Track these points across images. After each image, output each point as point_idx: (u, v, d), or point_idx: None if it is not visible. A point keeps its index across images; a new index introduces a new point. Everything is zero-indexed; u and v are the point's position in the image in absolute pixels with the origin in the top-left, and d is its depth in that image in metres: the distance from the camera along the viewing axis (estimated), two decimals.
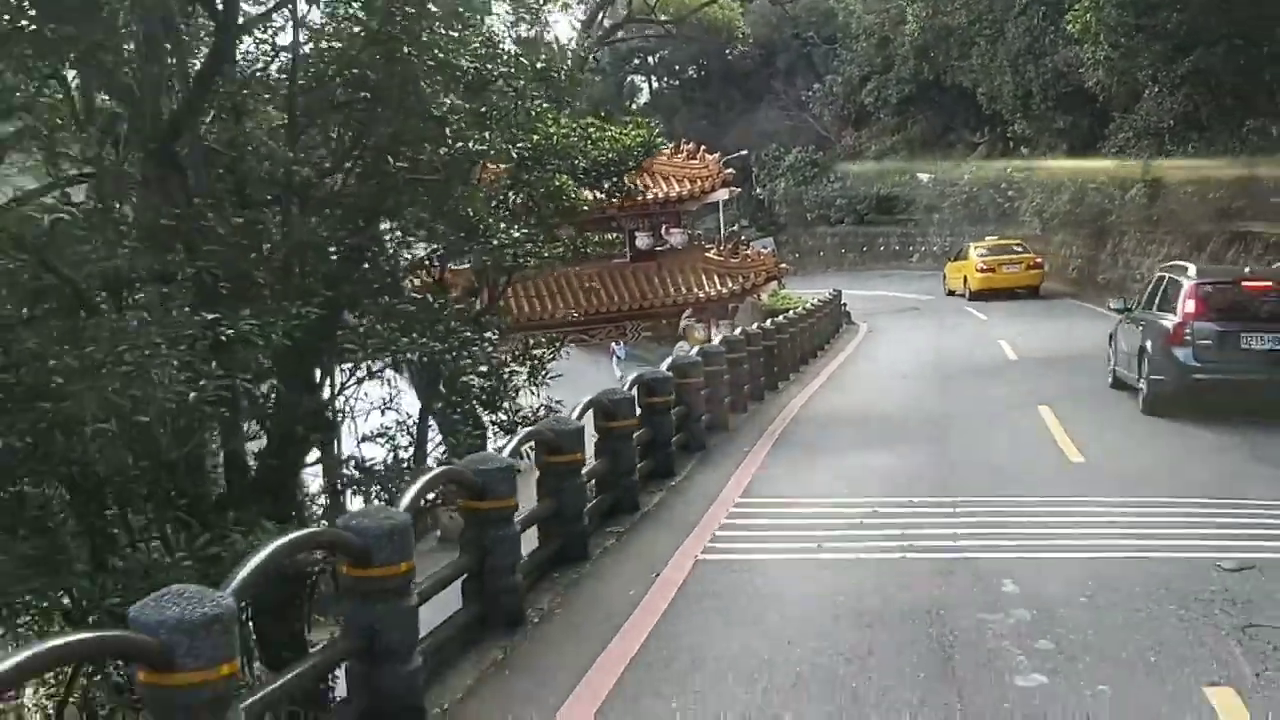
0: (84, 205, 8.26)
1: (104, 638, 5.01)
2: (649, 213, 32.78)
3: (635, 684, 6.57)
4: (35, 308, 7.88)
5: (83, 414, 6.47)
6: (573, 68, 12.12)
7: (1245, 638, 6.81)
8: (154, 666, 4.29)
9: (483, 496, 7.66)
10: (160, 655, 4.25)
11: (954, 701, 6.13)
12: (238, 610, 4.52)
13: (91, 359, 6.64)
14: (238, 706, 4.59)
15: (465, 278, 15.72)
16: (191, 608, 4.33)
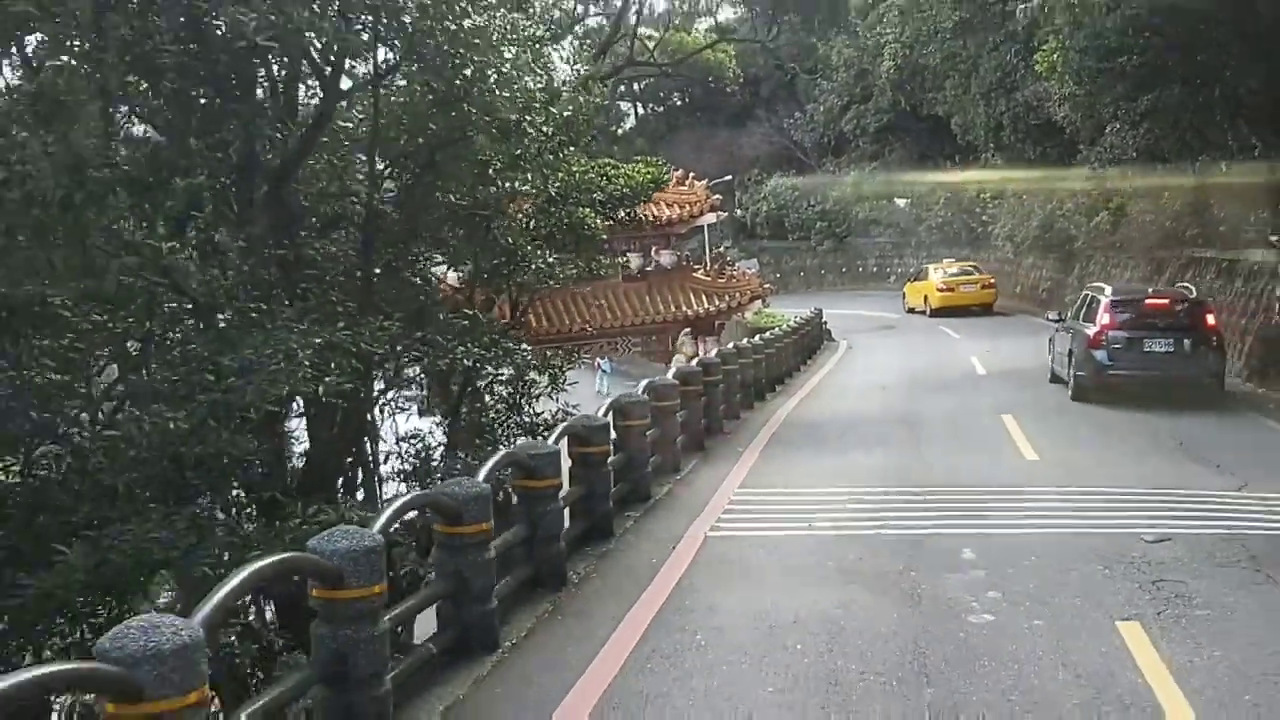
0: (197, 236, 9.80)
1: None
2: (641, 235, 34.24)
3: (666, 624, 8.20)
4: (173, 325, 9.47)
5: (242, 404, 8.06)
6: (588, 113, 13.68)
7: (1154, 589, 8.51)
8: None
9: (534, 476, 9.32)
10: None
11: (920, 633, 7.78)
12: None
13: (248, 360, 8.22)
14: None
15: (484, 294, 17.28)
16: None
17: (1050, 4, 21.55)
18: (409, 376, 14.11)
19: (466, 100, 10.95)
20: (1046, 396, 20.50)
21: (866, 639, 7.66)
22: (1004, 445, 15.63)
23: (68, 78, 8.11)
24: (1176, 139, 30.31)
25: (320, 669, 6.09)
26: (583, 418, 11.59)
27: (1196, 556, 9.35)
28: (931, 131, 52.46)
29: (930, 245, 54.58)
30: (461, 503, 7.73)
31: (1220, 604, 8.11)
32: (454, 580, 7.73)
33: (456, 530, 7.77)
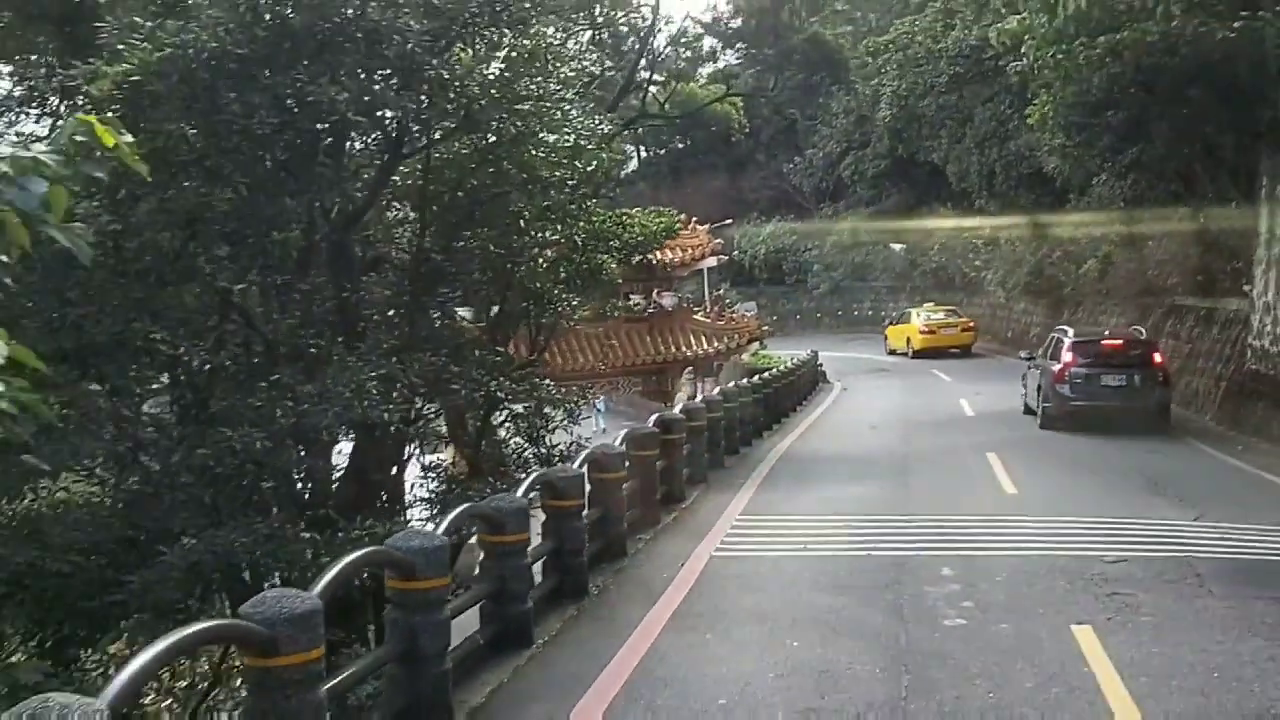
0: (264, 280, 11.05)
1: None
2: (644, 278, 35.35)
3: (679, 625, 9.35)
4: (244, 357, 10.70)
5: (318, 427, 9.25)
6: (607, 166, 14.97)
7: (1107, 600, 9.68)
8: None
9: (562, 497, 10.51)
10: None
11: (901, 632, 8.94)
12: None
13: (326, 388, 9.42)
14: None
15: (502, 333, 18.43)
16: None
17: (1038, 63, 22.83)
18: (433, 410, 15.32)
19: (506, 159, 12.25)
20: (1029, 436, 21.73)
21: (854, 637, 8.81)
22: (985, 480, 16.80)
23: (180, 142, 9.35)
24: (1162, 190, 31.68)
25: (394, 648, 7.13)
26: (602, 446, 12.76)
27: (1148, 574, 10.53)
28: (928, 177, 53.74)
29: (924, 290, 55.97)
30: (505, 515, 8.92)
31: (1163, 611, 9.29)
32: (497, 582, 8.90)
33: (500, 539, 8.96)
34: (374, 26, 10.16)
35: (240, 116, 9.86)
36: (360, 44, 10.27)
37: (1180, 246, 30.57)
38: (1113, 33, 20.85)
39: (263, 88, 10.13)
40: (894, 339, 47.93)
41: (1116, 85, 24.53)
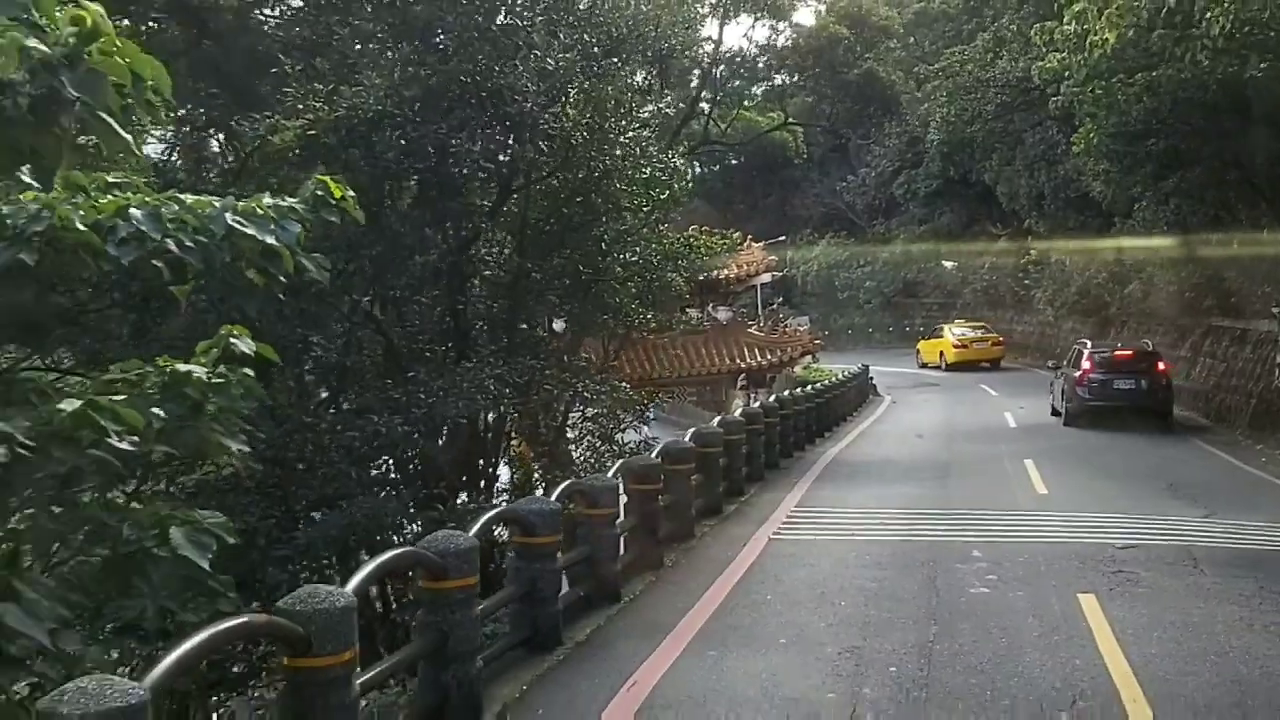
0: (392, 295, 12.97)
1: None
2: (702, 293, 36.91)
3: (743, 589, 11.05)
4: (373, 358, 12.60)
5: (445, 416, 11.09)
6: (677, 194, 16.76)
7: (1111, 576, 11.27)
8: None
9: (643, 481, 12.25)
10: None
11: (934, 598, 10.59)
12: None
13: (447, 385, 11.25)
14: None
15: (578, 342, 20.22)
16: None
17: (1077, 99, 24.30)
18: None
19: (594, 191, 14.09)
20: (1066, 445, 23.22)
21: (892, 600, 10.48)
22: (1020, 482, 18.36)
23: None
24: (1202, 215, 32.90)
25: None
26: (674, 441, 14.50)
27: (1151, 558, 12.11)
28: (979, 197, 54.82)
29: (975, 307, 57.22)
30: (599, 492, 10.67)
31: (1157, 585, 10.88)
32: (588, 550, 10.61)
33: (593, 513, 10.71)
34: (498, 87, 12.07)
35: (392, 163, 11.78)
36: (486, 102, 12.19)
37: (1217, 270, 31.85)
38: (1148, 70, 22.32)
39: (410, 139, 12.04)
40: (926, 354, 50.32)
41: (1155, 117, 25.95)
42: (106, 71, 4.96)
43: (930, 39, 54.86)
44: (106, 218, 6.06)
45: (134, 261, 6.07)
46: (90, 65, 4.88)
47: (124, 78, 5.06)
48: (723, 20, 45.95)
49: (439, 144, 11.98)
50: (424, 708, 7.37)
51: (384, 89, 11.69)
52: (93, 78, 4.89)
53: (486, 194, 14.37)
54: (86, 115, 4.95)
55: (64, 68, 4.78)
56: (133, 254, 5.96)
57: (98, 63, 4.92)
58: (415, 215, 12.66)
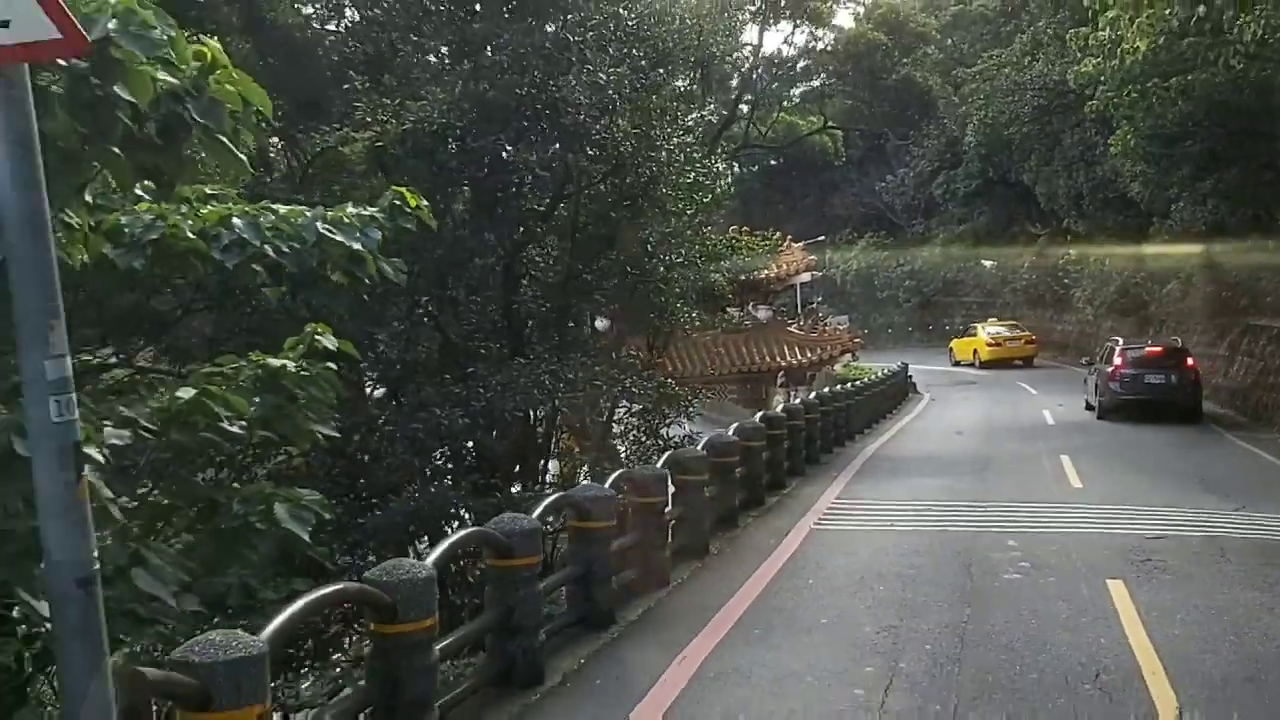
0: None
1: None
2: (743, 292, 37.38)
3: (785, 576, 11.59)
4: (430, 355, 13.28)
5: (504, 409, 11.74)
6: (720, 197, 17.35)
7: (1140, 564, 11.73)
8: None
9: (688, 472, 12.81)
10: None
11: (968, 583, 11.10)
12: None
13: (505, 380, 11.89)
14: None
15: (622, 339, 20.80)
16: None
17: (1112, 102, 24.64)
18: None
19: (641, 196, 14.71)
20: (1103, 442, 23.58)
21: (929, 585, 11.00)
22: (1056, 476, 18.79)
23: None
24: (1240, 216, 33.06)
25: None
26: (717, 435, 15.07)
27: (1180, 548, 12.56)
28: (1018, 197, 54.88)
29: (1014, 306, 57.39)
30: (649, 482, 11.27)
31: (1183, 572, 11.34)
32: (641, 535, 11.21)
33: (643, 501, 11.30)
34: (552, 100, 12.72)
35: (453, 172, 12.45)
36: (541, 114, 12.85)
37: (1255, 269, 32.05)
38: (1182, 75, 22.64)
39: (469, 149, 12.71)
40: (959, 352, 51.25)
41: (1190, 120, 26.25)
42: (223, 99, 5.59)
43: (968, 41, 55.02)
44: (211, 226, 6.72)
45: (236, 265, 6.73)
46: (211, 94, 5.51)
47: (236, 104, 5.68)
48: (763, 26, 46.54)
49: (496, 153, 12.70)
50: (492, 675, 7.98)
51: (446, 103, 12.39)
52: (213, 105, 5.52)
53: (539, 199, 15.03)
54: (205, 138, 5.58)
55: (189, 97, 5.41)
56: (236, 259, 6.62)
57: (216, 91, 5.55)
58: (473, 220, 13.34)
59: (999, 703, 7.52)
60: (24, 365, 3.98)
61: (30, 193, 3.90)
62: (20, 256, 3.93)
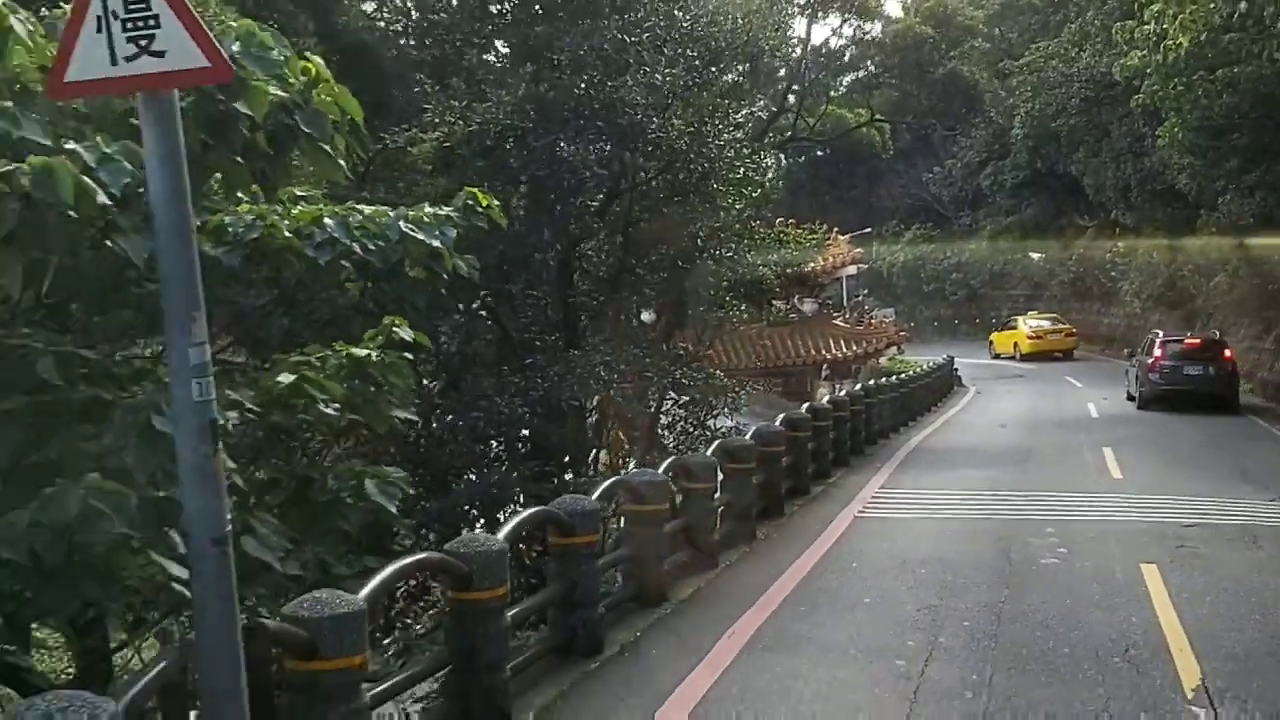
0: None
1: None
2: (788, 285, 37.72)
3: (829, 559, 12.11)
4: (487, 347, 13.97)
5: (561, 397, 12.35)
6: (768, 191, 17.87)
7: (1174, 550, 12.16)
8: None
9: (737, 460, 13.35)
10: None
11: (1007, 567, 11.57)
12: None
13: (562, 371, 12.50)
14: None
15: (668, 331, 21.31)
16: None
17: (1158, 95, 24.84)
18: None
19: (693, 191, 15.27)
20: (1145, 435, 23.85)
21: (969, 568, 11.48)
22: (1097, 467, 19.16)
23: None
24: None
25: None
26: (765, 425, 15.58)
27: (1214, 535, 12.96)
28: (1066, 189, 54.67)
29: (1062, 299, 57.33)
30: (699, 468, 11.81)
31: (1215, 558, 11.76)
32: (694, 520, 11.77)
33: (694, 486, 11.85)
34: (610, 101, 13.30)
35: (516, 170, 13.07)
36: (599, 114, 13.43)
37: None
38: (1228, 67, 22.84)
39: (530, 149, 13.31)
40: (999, 345, 51.98)
41: (1236, 112, 26.34)
42: (325, 110, 6.19)
43: (1016, 30, 54.97)
44: (304, 226, 7.31)
45: (327, 261, 7.33)
46: (315, 106, 6.11)
47: (336, 114, 6.28)
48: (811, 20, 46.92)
49: (555, 152, 13.28)
50: (555, 645, 8.57)
51: (510, 104, 13.01)
52: (317, 116, 6.13)
53: (594, 196, 15.62)
54: (310, 146, 6.19)
55: (297, 109, 6.01)
56: (328, 255, 7.21)
57: (319, 103, 6.15)
58: (529, 217, 13.96)
59: (1032, 673, 8.01)
60: (170, 351, 4.60)
61: (178, 201, 4.51)
62: (168, 256, 4.54)
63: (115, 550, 4.88)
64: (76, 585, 4.81)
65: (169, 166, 4.50)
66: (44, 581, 4.65)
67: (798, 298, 39.26)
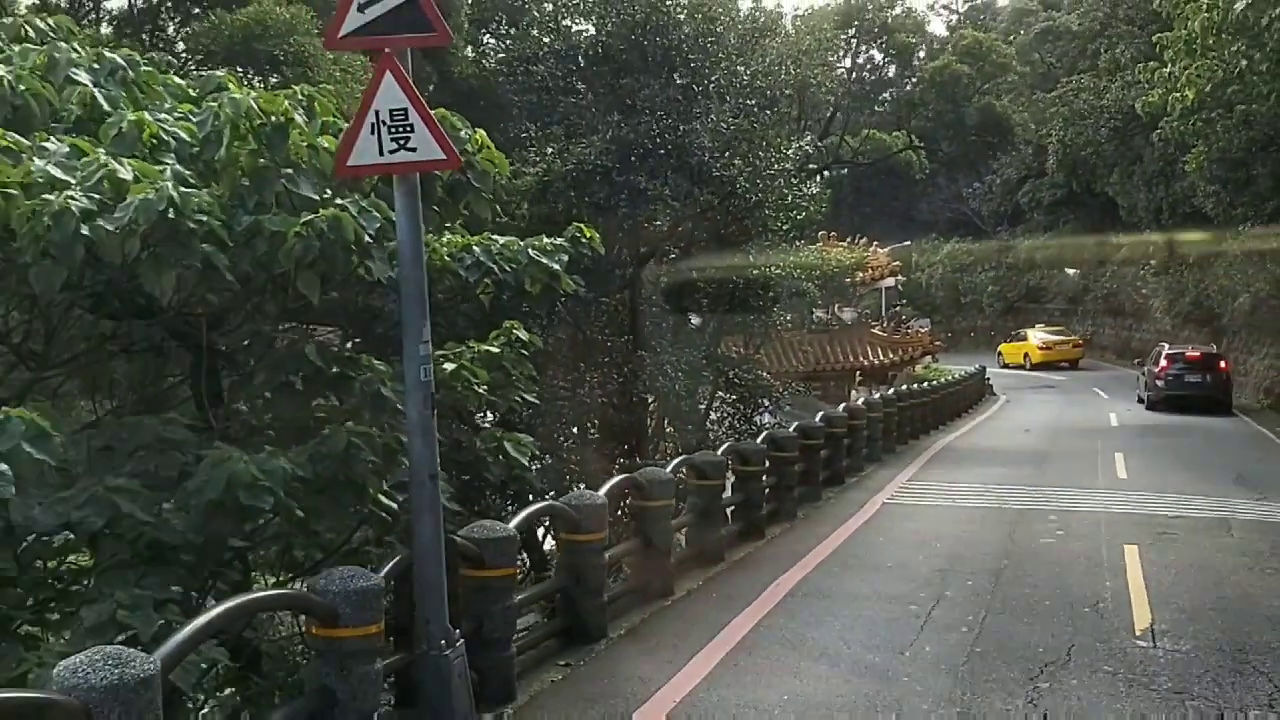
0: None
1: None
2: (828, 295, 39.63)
3: (859, 535, 14.21)
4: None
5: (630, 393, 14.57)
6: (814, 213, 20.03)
7: (1155, 535, 14.18)
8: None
9: (781, 449, 15.46)
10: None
11: (1010, 544, 13.63)
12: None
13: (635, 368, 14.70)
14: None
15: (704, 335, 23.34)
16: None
17: (1178, 131, 26.71)
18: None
19: (747, 217, 17.45)
20: (1160, 444, 25.73)
21: (978, 545, 13.55)
22: (1106, 469, 21.11)
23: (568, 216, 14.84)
24: None
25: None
26: (806, 421, 17.69)
27: (1195, 525, 14.96)
28: (1102, 207, 56.24)
29: (1095, 314, 59.06)
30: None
31: (1189, 541, 13.78)
32: (745, 495, 13.90)
33: (746, 470, 14.00)
34: (681, 144, 15.53)
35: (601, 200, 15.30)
36: (671, 154, 15.65)
37: None
38: (1245, 105, 24.69)
39: (613, 182, 15.56)
40: (1009, 355, 55.00)
41: (1255, 145, 28.17)
42: (487, 169, 8.36)
43: (1055, 55, 56.62)
44: (457, 251, 9.49)
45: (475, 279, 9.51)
46: (481, 165, 8.29)
47: (492, 170, 8.46)
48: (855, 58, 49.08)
49: (634, 186, 15.49)
50: (633, 588, 10.73)
51: (600, 146, 15.21)
52: (484, 175, 8.31)
53: (664, 221, 17.79)
54: (476, 197, 8.37)
55: (469, 168, 8.18)
56: (476, 276, 9.37)
57: (483, 164, 8.33)
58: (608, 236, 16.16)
59: (1017, 617, 10.10)
60: (406, 347, 6.80)
61: (416, 243, 6.72)
62: (408, 280, 6.74)
63: (369, 474, 7.10)
64: (344, 499, 7.02)
65: (411, 219, 6.73)
66: (322, 496, 6.85)
67: (837, 307, 41.28)
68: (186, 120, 7.71)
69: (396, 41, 6.46)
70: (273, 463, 6.51)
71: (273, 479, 6.45)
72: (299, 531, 6.98)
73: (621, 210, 15.81)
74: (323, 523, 7.16)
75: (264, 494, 6.37)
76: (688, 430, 21.39)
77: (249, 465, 6.44)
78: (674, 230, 17.91)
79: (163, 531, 6.36)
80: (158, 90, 8.51)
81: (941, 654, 8.90)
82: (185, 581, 6.48)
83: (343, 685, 6.13)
